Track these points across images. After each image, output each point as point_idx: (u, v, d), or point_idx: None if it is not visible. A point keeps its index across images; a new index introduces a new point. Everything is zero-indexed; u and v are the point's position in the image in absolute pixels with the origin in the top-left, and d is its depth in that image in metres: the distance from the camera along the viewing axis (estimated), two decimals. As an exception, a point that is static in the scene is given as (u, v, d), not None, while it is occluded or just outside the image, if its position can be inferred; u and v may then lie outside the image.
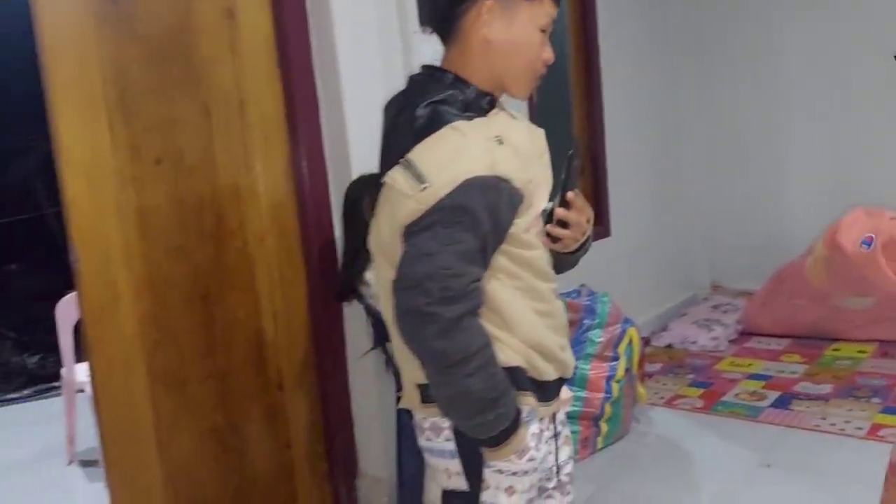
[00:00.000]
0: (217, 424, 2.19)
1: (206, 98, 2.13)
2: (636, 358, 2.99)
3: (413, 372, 1.27)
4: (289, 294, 2.34)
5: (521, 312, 1.26)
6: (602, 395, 2.82)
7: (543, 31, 1.29)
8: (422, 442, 1.34)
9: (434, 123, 1.20)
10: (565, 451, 1.43)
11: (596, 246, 1.50)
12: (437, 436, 1.30)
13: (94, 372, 1.97)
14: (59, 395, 3.85)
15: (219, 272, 2.18)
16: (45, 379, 4.97)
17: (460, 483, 1.29)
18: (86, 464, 3.38)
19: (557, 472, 1.40)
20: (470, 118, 1.22)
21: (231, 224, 2.20)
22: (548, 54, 1.32)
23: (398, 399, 1.42)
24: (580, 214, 1.33)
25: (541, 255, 1.30)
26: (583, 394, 2.77)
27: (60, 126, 1.88)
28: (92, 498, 3.00)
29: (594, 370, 2.83)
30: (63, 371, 3.42)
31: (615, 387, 2.85)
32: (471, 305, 1.17)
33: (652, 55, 4.25)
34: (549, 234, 1.31)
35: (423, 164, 1.17)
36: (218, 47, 2.16)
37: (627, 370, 2.92)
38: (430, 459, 1.35)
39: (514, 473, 1.28)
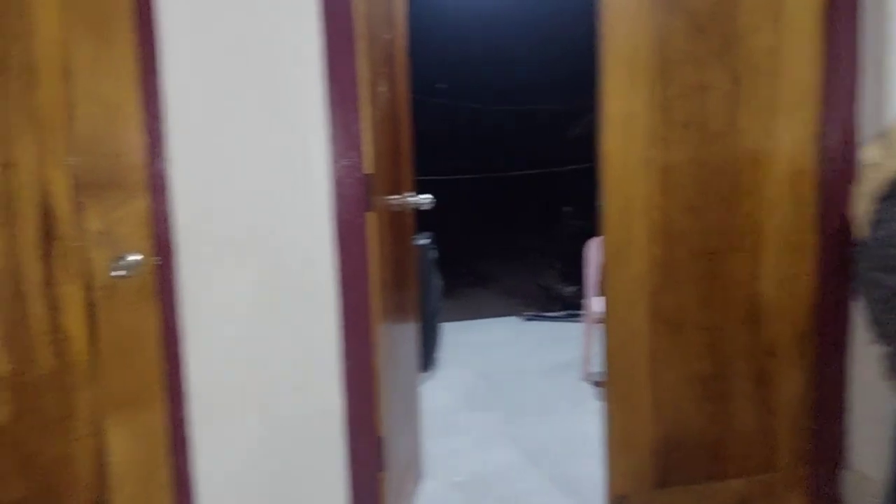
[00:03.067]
0: (703, 372, 2.34)
1: (737, 66, 2.23)
2: None
3: None
4: (795, 263, 2.32)
5: None
6: None
7: None
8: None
9: None
10: None
11: None
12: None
13: (608, 304, 2.32)
14: (582, 321, 4.50)
15: (727, 232, 2.29)
16: (575, 306, 5.81)
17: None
18: (596, 383, 3.92)
19: None
20: None
21: (745, 188, 2.28)
22: None
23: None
24: None
25: None
26: None
27: (608, 88, 2.22)
28: (595, 413, 3.50)
29: None
30: (586, 302, 4.00)
31: None
32: None
33: None
34: None
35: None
36: (759, 16, 2.21)
37: None
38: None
39: None
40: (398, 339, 2.46)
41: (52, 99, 1.75)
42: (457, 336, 5.11)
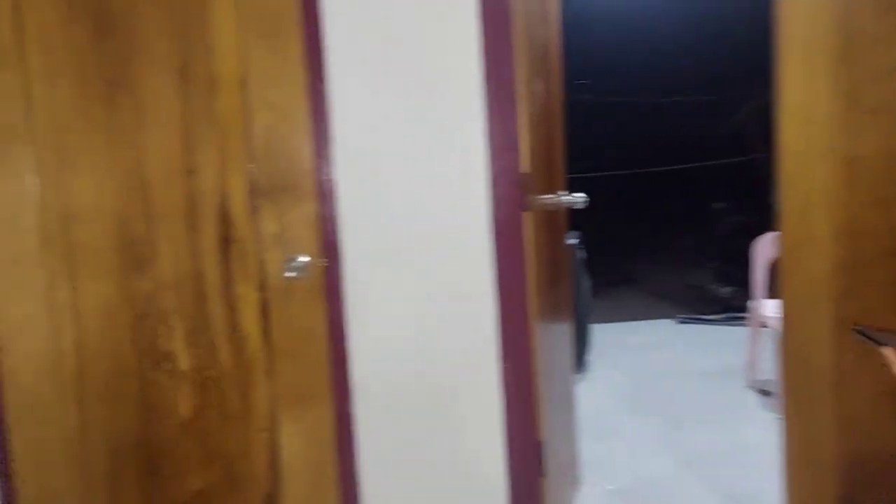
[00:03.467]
0: (897, 385, 2.11)
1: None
2: None
3: None
4: None
5: None
6: None
7: None
8: None
9: None
10: None
11: None
12: None
13: (784, 309, 2.14)
14: (744, 324, 4.23)
15: (925, 229, 2.05)
16: (734, 308, 5.48)
17: None
18: (762, 392, 3.67)
19: None
20: None
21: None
22: None
23: None
24: None
25: None
26: None
27: (785, 74, 2.05)
28: (762, 423, 3.27)
29: None
30: (752, 304, 3.75)
31: None
32: None
33: None
34: None
35: None
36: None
37: None
38: None
39: None
40: (554, 340, 2.41)
41: (231, 107, 1.85)
42: (606, 338, 4.97)
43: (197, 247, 1.89)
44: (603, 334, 5.00)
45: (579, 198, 2.64)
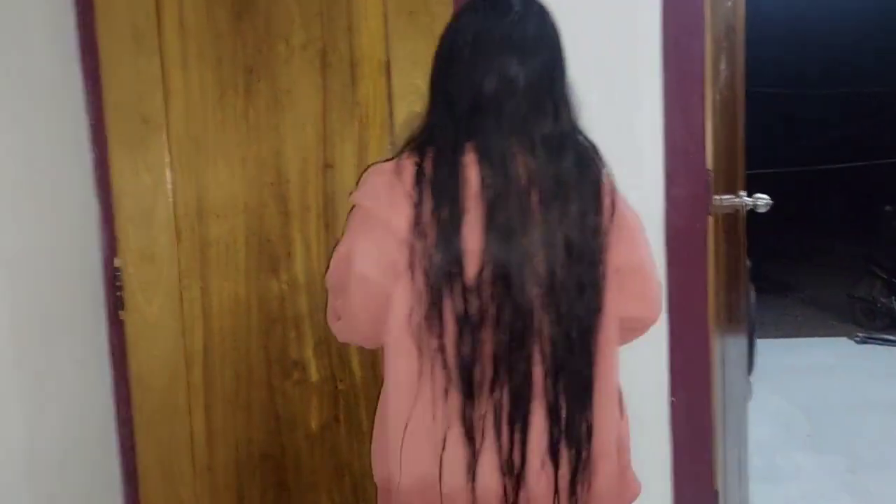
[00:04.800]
0: None
1: None
2: None
3: None
4: None
5: None
6: None
7: None
8: None
9: None
10: None
11: None
12: None
13: None
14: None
15: None
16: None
17: None
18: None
19: None
20: None
21: None
22: None
23: None
24: None
25: None
26: None
27: None
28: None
29: None
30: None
31: None
32: None
33: None
34: None
35: None
36: None
37: None
38: None
39: None
40: (730, 366, 2.07)
41: (373, 94, 1.67)
42: (768, 356, 4.46)
43: (332, 248, 1.72)
44: (764, 352, 4.49)
45: (761, 200, 2.28)
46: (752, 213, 2.20)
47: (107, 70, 1.70)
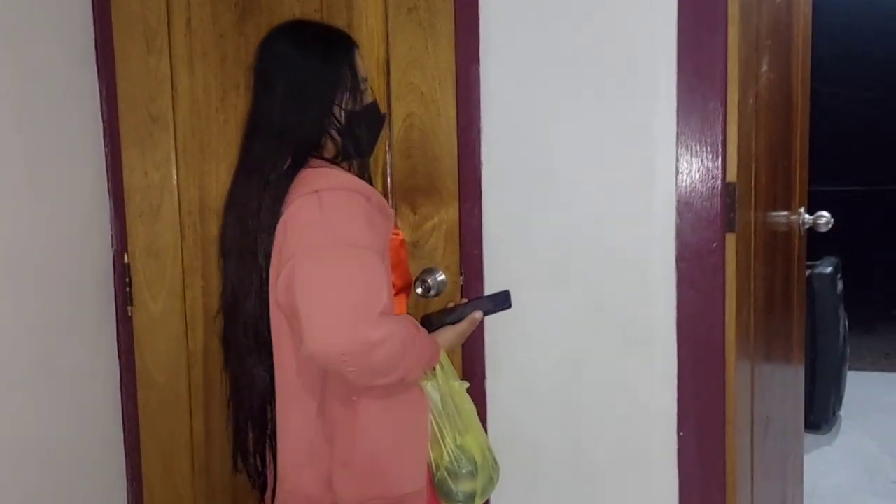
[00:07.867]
0: None
1: None
2: None
3: None
4: None
5: None
6: None
7: None
8: None
9: None
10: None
11: None
12: None
13: None
14: None
15: None
16: None
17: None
18: None
19: None
20: None
21: None
22: None
23: None
24: None
25: None
26: None
27: None
28: None
29: None
30: None
31: None
32: None
33: None
34: None
35: None
36: None
37: None
38: None
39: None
40: (770, 399, 1.86)
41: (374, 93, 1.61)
42: (860, 390, 4.04)
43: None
44: (856, 385, 4.07)
45: (821, 217, 2.05)
46: (854, 234, 1.98)
47: (120, 69, 1.74)
